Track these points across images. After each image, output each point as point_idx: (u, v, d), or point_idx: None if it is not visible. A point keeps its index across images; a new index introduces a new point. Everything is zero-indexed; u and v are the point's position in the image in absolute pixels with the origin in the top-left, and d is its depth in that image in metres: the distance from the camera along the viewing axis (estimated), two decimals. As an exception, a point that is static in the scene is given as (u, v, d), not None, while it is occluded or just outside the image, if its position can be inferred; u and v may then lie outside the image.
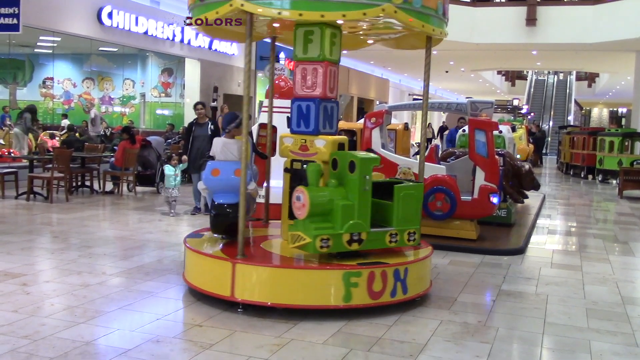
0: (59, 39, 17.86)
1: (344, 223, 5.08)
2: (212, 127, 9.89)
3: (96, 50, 20.27)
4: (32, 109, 15.89)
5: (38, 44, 19.52)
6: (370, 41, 6.76)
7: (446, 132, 19.78)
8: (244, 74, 5.49)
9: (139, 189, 12.39)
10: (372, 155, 5.38)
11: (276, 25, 6.14)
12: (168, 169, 9.77)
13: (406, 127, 11.06)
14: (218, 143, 5.91)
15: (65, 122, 18.35)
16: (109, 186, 12.31)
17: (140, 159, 12.50)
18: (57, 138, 16.19)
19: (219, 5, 5.05)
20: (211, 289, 5.19)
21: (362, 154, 5.33)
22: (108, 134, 17.47)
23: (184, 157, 9.92)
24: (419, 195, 5.57)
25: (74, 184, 12.17)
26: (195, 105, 10.20)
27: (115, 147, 13.25)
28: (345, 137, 5.91)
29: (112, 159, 12.36)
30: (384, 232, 5.34)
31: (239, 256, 5.14)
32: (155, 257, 7.01)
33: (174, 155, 10.59)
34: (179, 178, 9.79)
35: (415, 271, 5.39)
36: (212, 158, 5.89)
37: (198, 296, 5.34)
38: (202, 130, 9.83)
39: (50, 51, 20.35)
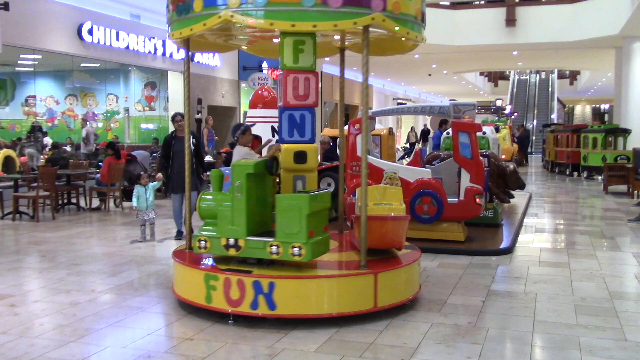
0: (39, 56, 17.75)
1: (221, 228, 5.32)
2: (193, 141, 8.73)
3: (78, 66, 20.15)
4: (40, 128, 15.84)
5: (19, 62, 19.39)
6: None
7: (430, 136, 19.89)
8: (183, 79, 5.69)
9: (125, 204, 12.34)
10: (249, 162, 5.37)
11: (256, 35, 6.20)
12: (138, 190, 8.78)
13: (390, 131, 11.11)
14: (239, 152, 6.09)
15: (46, 140, 18.21)
16: (96, 202, 12.26)
17: (126, 174, 12.44)
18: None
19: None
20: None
21: (243, 161, 5.42)
22: (93, 149, 17.38)
23: (159, 175, 8.99)
24: (302, 207, 4.99)
25: (60, 202, 12.10)
26: (173, 117, 9.13)
27: (100, 163, 13.19)
28: (312, 145, 5.84)
29: (98, 175, 12.31)
30: (264, 242, 5.14)
31: (187, 249, 5.84)
32: (144, 272, 6.99)
33: (142, 173, 9.64)
34: (151, 198, 8.84)
35: (295, 288, 4.96)
36: None
37: (189, 309, 5.34)
38: (182, 145, 8.36)
39: (32, 69, 20.21)
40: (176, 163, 8.71)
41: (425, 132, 28.95)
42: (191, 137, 8.61)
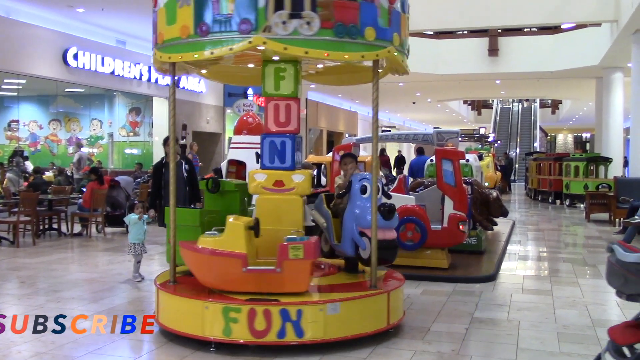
0: (24, 81, 17.72)
1: None
2: (186, 167, 8.32)
3: (62, 91, 20.11)
4: (22, 153, 15.70)
5: (2, 86, 19.34)
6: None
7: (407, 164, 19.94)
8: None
9: (108, 229, 12.23)
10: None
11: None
12: (134, 218, 7.70)
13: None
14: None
15: (27, 164, 18.05)
16: (77, 228, 12.13)
17: (109, 199, 12.36)
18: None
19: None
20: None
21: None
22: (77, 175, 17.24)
23: (152, 213, 8.05)
24: None
25: (41, 227, 11.96)
26: (165, 141, 8.46)
27: (83, 189, 13.08)
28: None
29: (80, 200, 12.20)
30: None
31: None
32: (125, 298, 6.90)
33: (137, 202, 8.68)
34: (146, 229, 7.83)
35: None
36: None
37: (170, 337, 5.26)
38: (176, 172, 7.76)
39: (15, 93, 20.15)
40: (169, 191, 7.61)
41: (399, 159, 28.92)
42: (184, 163, 8.38)
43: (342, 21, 4.92)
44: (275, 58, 5.67)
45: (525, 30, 23.71)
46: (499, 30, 22.18)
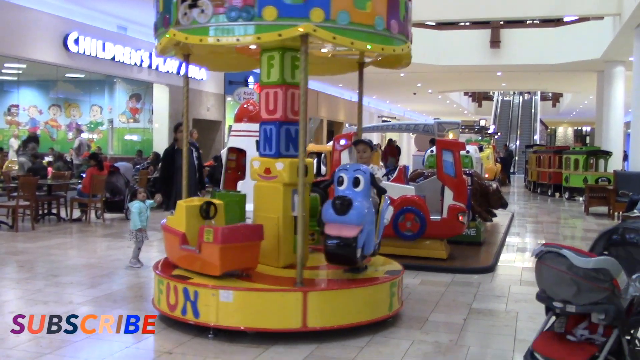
0: (24, 65, 17.65)
1: None
2: (196, 154, 8.38)
3: (62, 76, 20.03)
4: (36, 138, 15.62)
5: (3, 70, 19.27)
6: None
7: (413, 153, 19.89)
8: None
9: (107, 215, 12.23)
10: None
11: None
12: (139, 207, 7.60)
13: (375, 148, 11.15)
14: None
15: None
16: (77, 213, 12.13)
17: (109, 185, 12.35)
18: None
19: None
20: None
21: None
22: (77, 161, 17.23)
23: (158, 198, 8.05)
24: None
25: (41, 212, 11.95)
26: (177, 127, 8.47)
27: (82, 174, 13.06)
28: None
29: (80, 186, 12.19)
30: None
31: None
32: (124, 284, 6.92)
33: (139, 188, 8.47)
34: (149, 215, 7.81)
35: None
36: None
37: (168, 323, 5.27)
38: (187, 158, 7.65)
39: (16, 78, 20.09)
40: (179, 179, 7.65)
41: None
42: (194, 150, 8.48)
43: (234, 4, 4.89)
44: (253, 47, 5.78)
45: (528, 22, 23.62)
46: (501, 22, 22.11)
